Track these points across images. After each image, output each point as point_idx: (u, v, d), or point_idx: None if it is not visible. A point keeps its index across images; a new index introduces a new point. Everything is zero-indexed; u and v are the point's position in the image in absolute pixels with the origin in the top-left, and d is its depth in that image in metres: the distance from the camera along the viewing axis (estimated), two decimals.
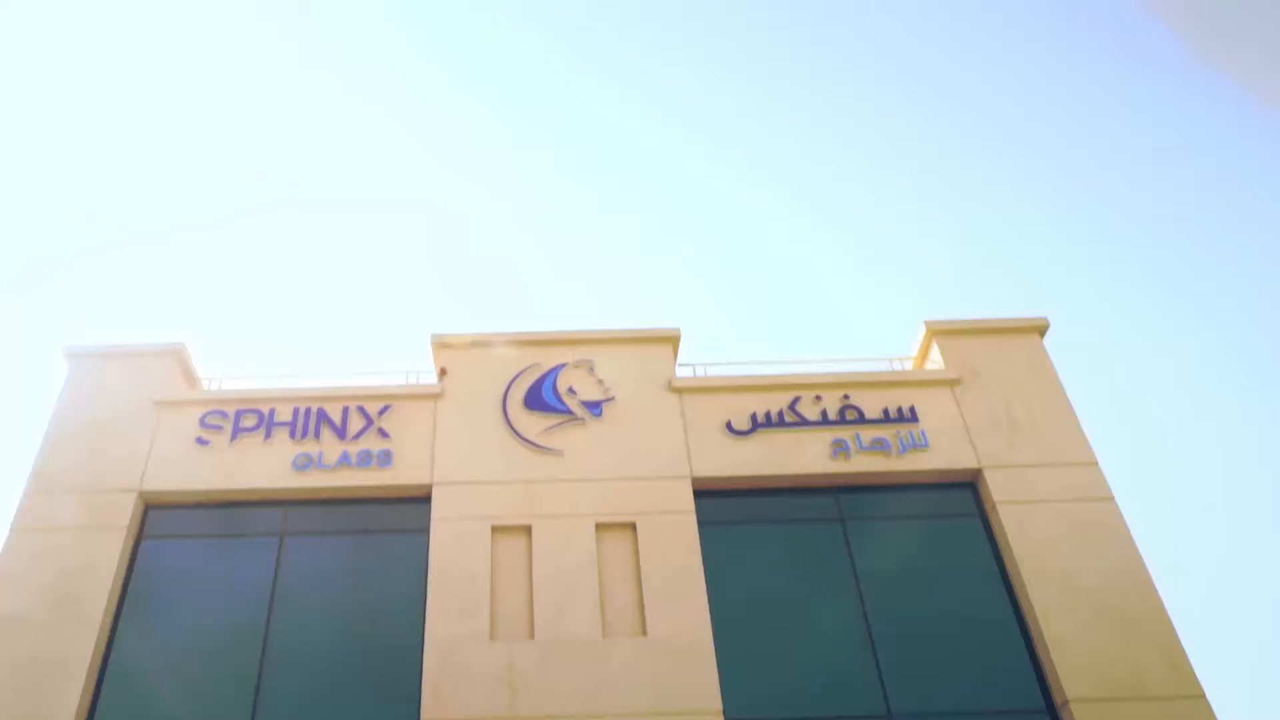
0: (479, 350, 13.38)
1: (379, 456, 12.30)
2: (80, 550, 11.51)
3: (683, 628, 10.97)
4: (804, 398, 12.89)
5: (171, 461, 12.27)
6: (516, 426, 12.62)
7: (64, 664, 10.67)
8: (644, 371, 13.18)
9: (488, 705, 10.38)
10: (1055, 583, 11.13)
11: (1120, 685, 10.30)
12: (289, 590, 11.57)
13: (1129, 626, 10.72)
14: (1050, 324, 13.68)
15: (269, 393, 12.91)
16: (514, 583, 11.44)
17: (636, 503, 11.98)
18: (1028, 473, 12.10)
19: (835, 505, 12.29)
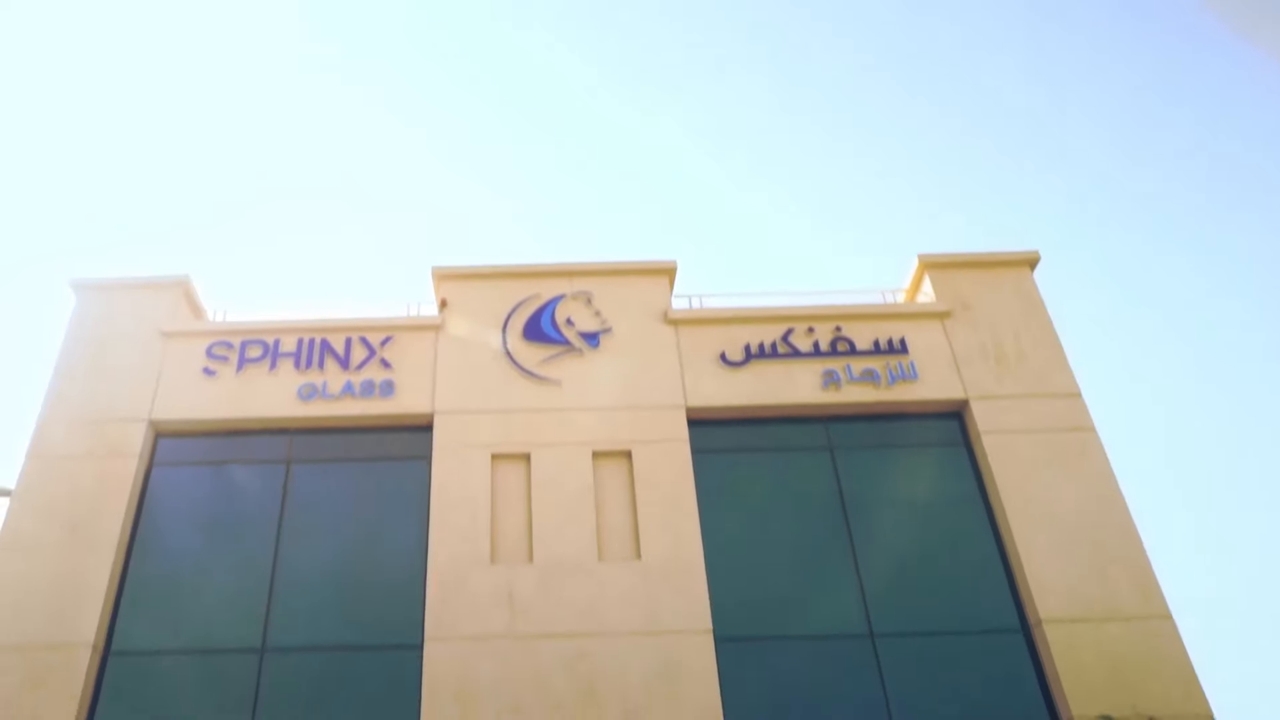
0: (479, 281, 13.62)
1: (381, 386, 12.63)
2: (94, 477, 11.92)
3: (675, 551, 11.43)
4: (797, 329, 13.16)
5: (179, 391, 12.60)
6: (516, 357, 12.92)
7: (83, 585, 11.16)
8: (640, 303, 13.43)
9: (488, 625, 10.90)
10: (1034, 509, 11.56)
11: (1091, 606, 10.81)
12: (296, 515, 12.01)
13: (1103, 551, 11.18)
14: (1041, 257, 13.88)
15: (273, 324, 13.17)
16: (513, 508, 11.87)
17: (632, 431, 12.34)
18: (1013, 403, 12.45)
19: (825, 434, 12.66)
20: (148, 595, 11.44)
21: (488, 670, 10.64)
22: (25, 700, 10.42)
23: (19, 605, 10.96)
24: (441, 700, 10.47)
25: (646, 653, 10.71)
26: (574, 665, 10.64)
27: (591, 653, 10.72)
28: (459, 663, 10.69)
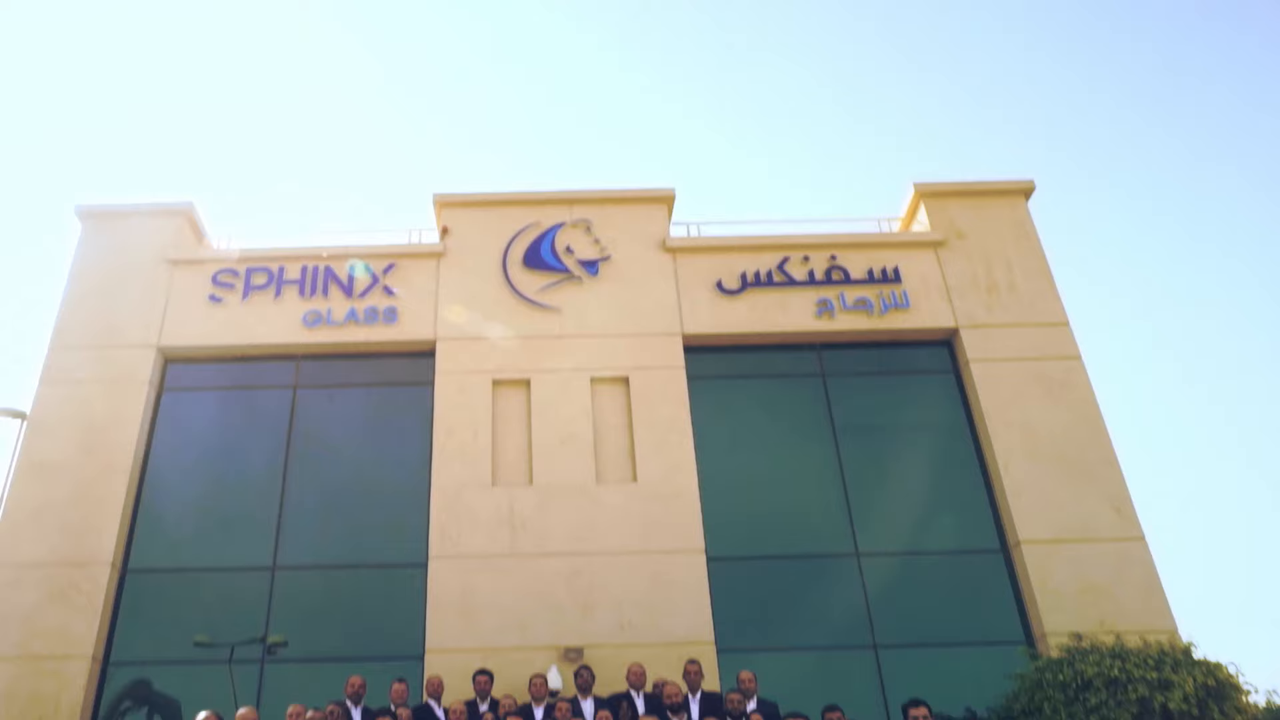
0: (480, 209, 13.80)
1: (385, 313, 12.92)
2: (106, 403, 12.29)
3: (670, 474, 11.84)
4: (792, 258, 13.37)
5: (187, 318, 12.91)
6: (516, 284, 13.17)
7: (100, 506, 11.62)
8: (639, 231, 13.63)
9: (490, 544, 11.37)
10: (1018, 435, 11.92)
11: (1068, 528, 11.23)
12: (303, 439, 12.42)
13: (1082, 476, 11.57)
14: (1036, 186, 14.00)
15: (277, 252, 13.41)
16: (514, 432, 12.26)
17: (630, 358, 12.65)
18: (1001, 332, 12.71)
19: (818, 361, 12.97)
20: (162, 516, 11.92)
21: (489, 586, 11.13)
22: (51, 614, 10.96)
23: (41, 525, 11.44)
24: (446, 614, 10.99)
25: (641, 570, 11.18)
26: (571, 582, 11.12)
27: (588, 570, 11.20)
28: (462, 579, 11.18)
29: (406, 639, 11.08)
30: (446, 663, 10.56)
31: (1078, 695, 8.54)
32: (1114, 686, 8.34)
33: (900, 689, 10.42)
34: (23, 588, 11.09)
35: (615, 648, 10.60)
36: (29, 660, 10.72)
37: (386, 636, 11.18)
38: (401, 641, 11.08)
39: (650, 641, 10.66)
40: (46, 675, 10.64)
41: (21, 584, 11.11)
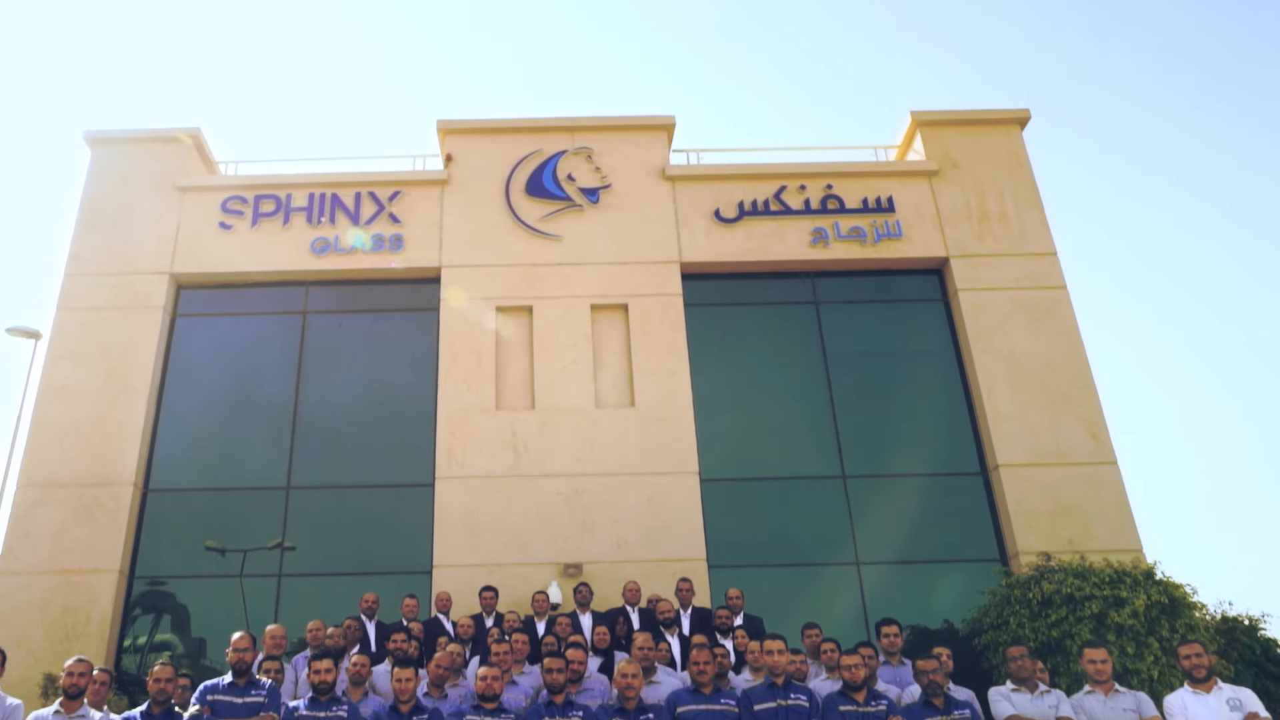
0: (483, 136, 14.00)
1: (391, 240, 13.26)
2: (122, 328, 12.71)
3: (666, 399, 12.31)
4: (789, 187, 13.62)
5: (198, 245, 13.25)
6: (519, 212, 13.46)
7: (120, 428, 12.14)
8: (639, 159, 13.85)
9: (493, 466, 11.91)
10: (1002, 363, 12.33)
11: (1045, 452, 11.73)
12: (314, 363, 12.88)
13: (1061, 402, 12.02)
14: (1031, 115, 14.13)
15: (285, 179, 13.69)
16: (516, 358, 12.70)
17: (629, 285, 13.01)
18: (990, 261, 13.03)
19: (811, 289, 13.32)
20: (180, 438, 12.45)
21: (493, 505, 11.70)
22: (79, 531, 11.57)
23: (65, 447, 11.97)
24: (452, 532, 11.59)
25: (637, 491, 11.73)
26: (571, 502, 11.69)
27: (587, 491, 11.76)
28: (467, 498, 11.75)
29: (415, 555, 11.70)
30: (453, 577, 11.20)
31: (1041, 611, 9.13)
32: (1073, 603, 8.92)
33: (881, 604, 11.07)
34: (51, 506, 11.68)
35: (612, 564, 11.22)
36: (60, 574, 11.37)
37: (396, 552, 11.80)
38: (410, 557, 11.70)
39: (645, 558, 11.27)
40: (77, 587, 11.31)
41: (49, 503, 11.70)
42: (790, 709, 5.89)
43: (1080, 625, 8.77)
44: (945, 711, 5.90)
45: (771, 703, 5.94)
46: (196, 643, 11.66)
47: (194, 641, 11.66)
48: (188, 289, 13.31)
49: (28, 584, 11.31)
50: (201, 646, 11.67)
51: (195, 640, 11.68)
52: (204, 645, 11.68)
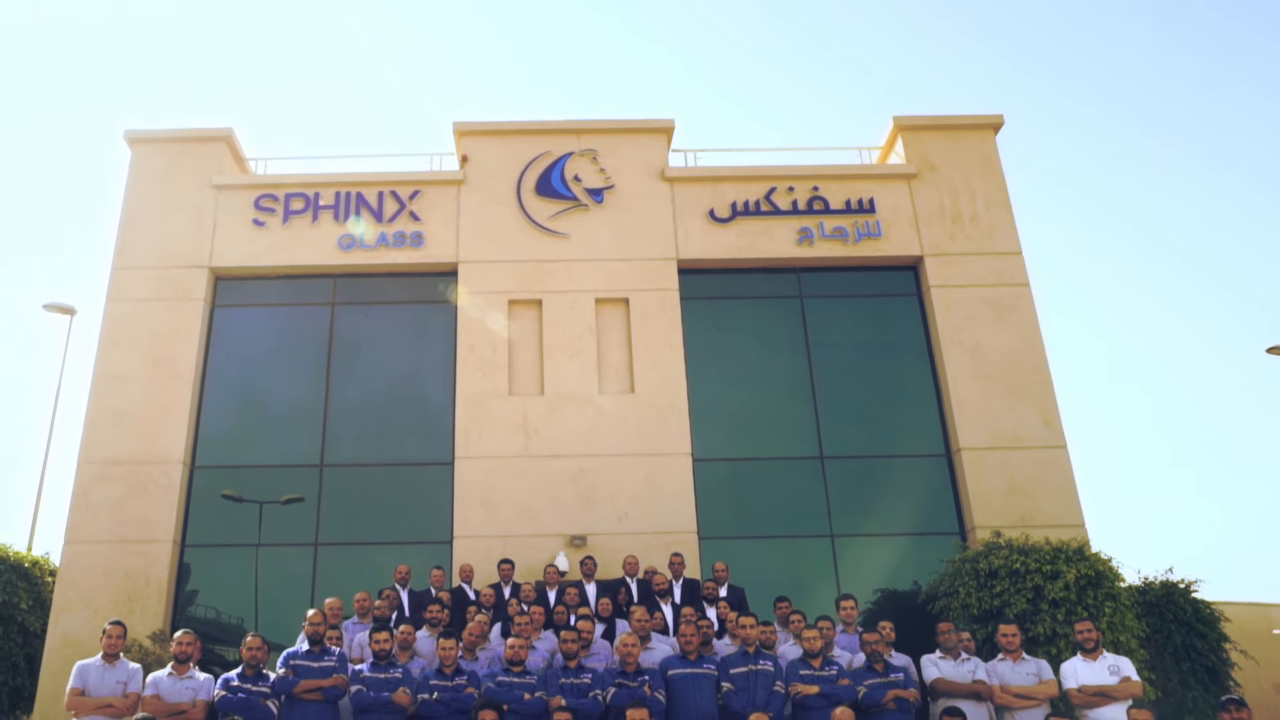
0: (496, 138, 15.10)
1: (411, 238, 14.45)
2: (166, 318, 13.93)
3: (663, 386, 13.59)
4: (779, 188, 14.77)
5: (234, 240, 14.44)
6: (529, 211, 14.63)
7: (167, 412, 13.43)
8: (640, 161, 14.97)
9: (507, 446, 13.22)
10: (967, 355, 13.60)
11: (1002, 437, 13.06)
12: (342, 351, 14.14)
13: (1019, 391, 13.31)
14: (1005, 121, 15.24)
15: (313, 178, 14.83)
16: (527, 347, 13.96)
17: (630, 281, 14.23)
18: (961, 259, 14.23)
19: (797, 284, 14.54)
20: (222, 420, 13.75)
21: (506, 482, 13.04)
22: (134, 504, 12.91)
23: (119, 428, 13.27)
24: (470, 506, 12.94)
25: (636, 470, 13.06)
26: (576, 479, 13.02)
27: (591, 469, 13.08)
28: (483, 476, 13.08)
29: (436, 526, 13.06)
30: (471, 546, 12.58)
31: (987, 582, 10.50)
32: (1014, 576, 10.28)
33: (852, 572, 12.50)
34: (109, 482, 13.02)
35: (613, 536, 12.58)
36: (120, 543, 12.74)
37: (419, 524, 13.16)
38: (432, 528, 13.06)
39: (642, 531, 12.63)
40: (136, 555, 12.69)
41: (108, 479, 13.03)
42: (759, 672, 7.25)
43: (1018, 596, 10.14)
44: (884, 675, 7.25)
45: (744, 667, 7.30)
46: (241, 604, 13.08)
47: (238, 602, 13.07)
48: (225, 280, 14.51)
49: (92, 552, 12.69)
50: (245, 608, 13.09)
51: (239, 601, 13.09)
52: (248, 606, 13.09)
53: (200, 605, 13.05)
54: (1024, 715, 7.04)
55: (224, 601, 13.08)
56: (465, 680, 6.96)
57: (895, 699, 7.09)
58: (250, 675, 6.90)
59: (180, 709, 6.79)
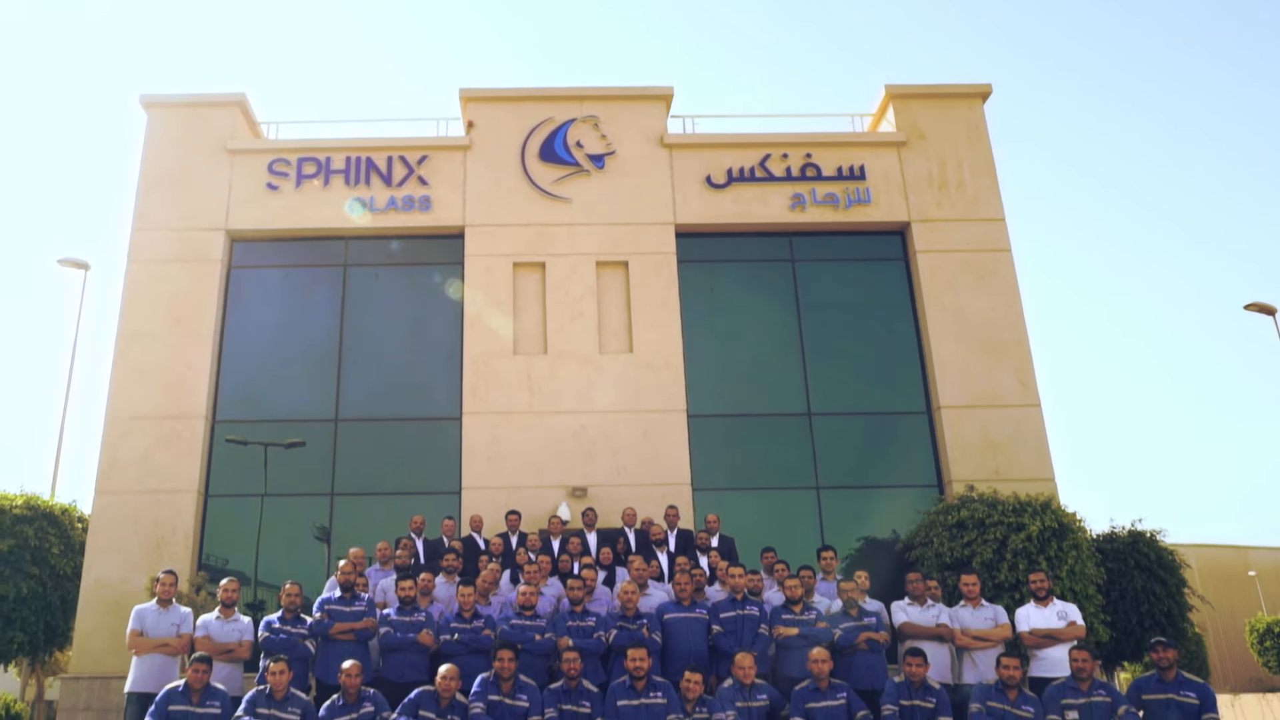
0: (501, 104, 15.62)
1: (420, 201, 15.05)
2: (186, 279, 14.58)
3: (660, 346, 14.31)
4: (773, 155, 15.35)
5: (249, 204, 15.04)
6: (533, 176, 15.21)
7: (190, 369, 14.14)
8: (640, 127, 15.52)
9: (512, 402, 13.98)
10: (949, 317, 14.31)
11: (980, 396, 13.84)
12: (355, 310, 14.81)
13: (997, 352, 14.06)
14: (993, 90, 15.78)
15: (324, 143, 15.38)
16: (531, 309, 14.64)
17: (629, 245, 14.87)
18: (946, 225, 14.87)
19: (789, 248, 15.20)
20: (241, 376, 14.47)
21: (512, 437, 13.81)
22: (161, 456, 13.69)
23: (144, 385, 13.99)
24: (477, 459, 13.73)
25: (634, 426, 13.84)
26: (578, 435, 13.80)
27: (591, 425, 13.86)
28: (490, 431, 13.86)
29: (446, 478, 13.87)
30: (478, 497, 13.39)
31: (958, 533, 11.34)
32: (982, 528, 11.12)
33: (835, 522, 13.35)
34: (136, 435, 13.78)
35: (612, 487, 13.40)
36: (148, 493, 13.54)
37: (429, 476, 13.96)
38: (442, 480, 13.86)
39: (640, 483, 13.43)
40: (163, 505, 13.50)
41: (134, 433, 13.79)
42: (746, 617, 8.07)
43: (985, 546, 10.99)
44: (859, 619, 8.08)
45: (732, 612, 8.12)
46: (263, 550, 13.90)
47: (260, 549, 13.89)
48: (241, 243, 15.14)
49: (121, 502, 13.50)
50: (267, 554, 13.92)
51: (261, 548, 13.92)
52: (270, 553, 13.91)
53: (224, 552, 13.89)
54: (981, 655, 7.89)
55: (246, 548, 13.90)
56: (482, 623, 7.77)
57: (867, 640, 7.91)
58: (289, 619, 7.72)
59: (229, 648, 7.61)
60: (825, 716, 7.04)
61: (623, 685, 7.12)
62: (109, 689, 12.65)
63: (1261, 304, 20.80)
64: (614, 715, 6.95)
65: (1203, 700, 6.97)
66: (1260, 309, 20.82)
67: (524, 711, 6.87)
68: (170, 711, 6.77)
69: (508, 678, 6.96)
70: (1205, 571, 39.63)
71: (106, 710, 12.61)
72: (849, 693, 7.20)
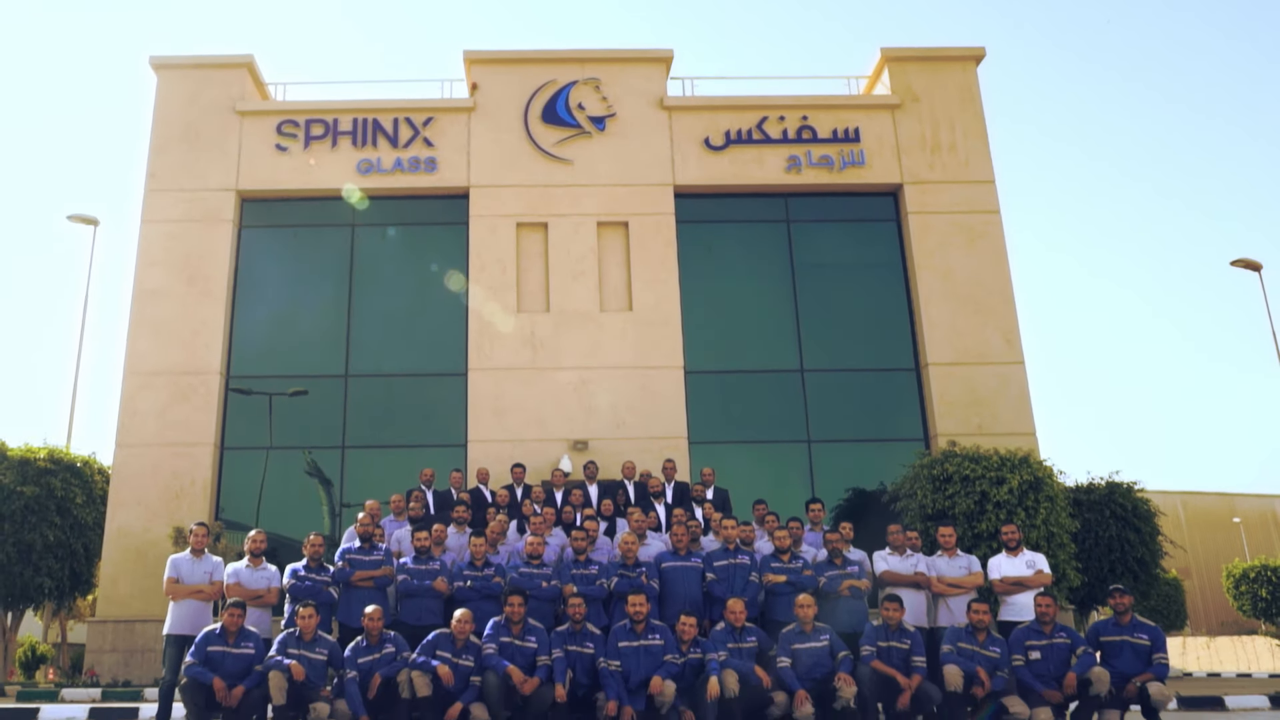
0: (504, 66, 15.94)
1: (425, 163, 15.43)
2: (198, 239, 15.03)
3: (659, 304, 14.81)
4: (770, 117, 15.71)
5: (258, 165, 15.42)
6: (536, 138, 15.58)
7: (204, 326, 14.65)
8: (641, 90, 15.86)
9: (515, 359, 14.51)
10: (939, 278, 14.80)
11: (967, 353, 14.39)
12: (364, 269, 15.28)
13: (984, 312, 14.57)
14: (986, 53, 16.09)
15: (332, 104, 15.73)
16: (534, 268, 15.11)
17: (629, 205, 15.30)
18: (937, 187, 15.29)
19: (784, 209, 15.63)
20: (254, 334, 14.98)
21: (515, 392, 14.37)
22: (178, 410, 14.26)
23: (160, 341, 14.50)
24: (482, 414, 14.30)
25: (633, 381, 14.39)
26: (579, 389, 14.35)
27: (592, 380, 14.40)
28: (494, 386, 14.41)
29: (452, 431, 14.45)
30: (484, 450, 13.98)
31: (941, 486, 11.94)
32: (965, 481, 11.72)
33: (825, 474, 13.97)
34: (153, 391, 14.33)
35: (612, 440, 13.98)
36: (166, 446, 14.12)
37: (436, 429, 14.54)
38: (448, 433, 14.45)
39: (638, 436, 14.02)
40: (181, 457, 14.09)
41: (152, 388, 14.34)
42: (738, 565, 8.66)
43: (968, 499, 11.59)
44: (842, 568, 8.67)
45: (725, 561, 8.71)
46: (277, 500, 14.53)
47: (274, 499, 14.52)
48: (251, 202, 15.54)
49: (140, 454, 14.09)
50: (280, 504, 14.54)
51: (275, 498, 14.54)
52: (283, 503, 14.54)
53: (240, 502, 14.50)
54: (954, 601, 8.49)
55: (263, 499, 14.51)
56: (493, 571, 8.36)
57: (850, 587, 8.50)
58: (314, 567, 8.29)
59: (258, 594, 8.19)
60: (809, 656, 7.66)
61: (623, 628, 7.73)
62: (133, 631, 13.37)
63: (1248, 260, 21.24)
64: (615, 655, 7.57)
65: (1154, 641, 7.59)
66: (1246, 265, 21.27)
67: (533, 652, 7.48)
68: (209, 652, 7.37)
69: (517, 621, 7.56)
70: (1192, 518, 40.57)
71: (132, 651, 13.34)
72: (831, 635, 7.81)
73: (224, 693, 7.15)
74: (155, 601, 12.96)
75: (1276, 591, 20.29)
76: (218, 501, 14.31)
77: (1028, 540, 11.23)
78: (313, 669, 7.35)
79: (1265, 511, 42.10)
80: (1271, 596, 20.34)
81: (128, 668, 13.13)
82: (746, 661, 7.65)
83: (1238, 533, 39.52)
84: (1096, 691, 7.26)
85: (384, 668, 7.39)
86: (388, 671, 7.36)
